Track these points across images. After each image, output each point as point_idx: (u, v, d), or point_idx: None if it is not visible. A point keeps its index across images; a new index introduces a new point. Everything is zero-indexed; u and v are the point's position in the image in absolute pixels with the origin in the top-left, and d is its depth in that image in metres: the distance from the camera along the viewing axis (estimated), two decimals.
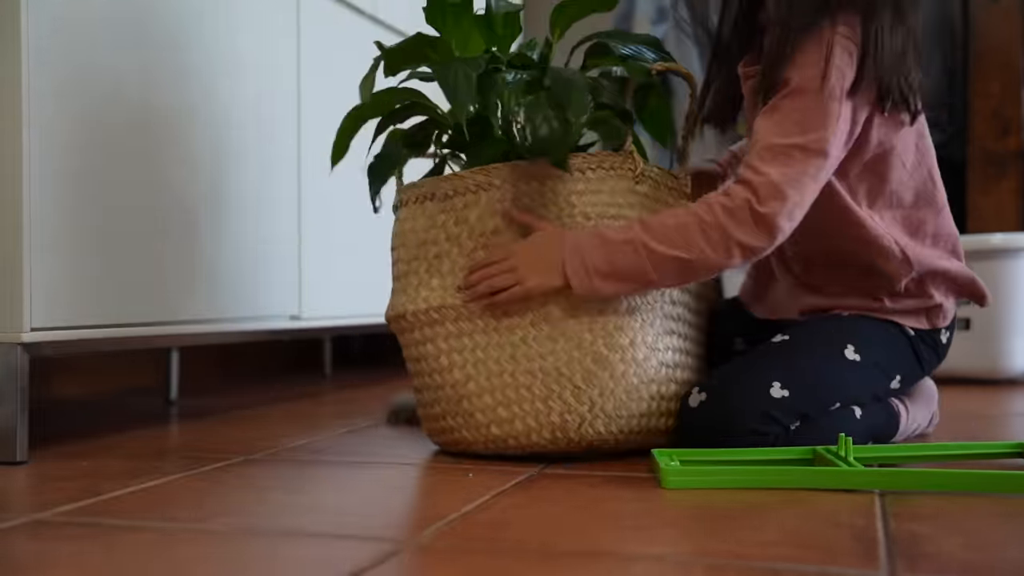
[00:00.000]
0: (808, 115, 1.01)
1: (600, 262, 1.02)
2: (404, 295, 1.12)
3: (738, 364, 1.11)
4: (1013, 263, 1.94)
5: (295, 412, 1.56)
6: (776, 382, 1.05)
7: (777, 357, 1.10)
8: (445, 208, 1.10)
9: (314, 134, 1.63)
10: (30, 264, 1.08)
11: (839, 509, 0.83)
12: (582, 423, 1.04)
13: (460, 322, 1.08)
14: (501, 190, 1.08)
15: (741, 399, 1.04)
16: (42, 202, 1.09)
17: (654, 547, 0.72)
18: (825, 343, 1.11)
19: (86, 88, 1.16)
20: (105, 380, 1.90)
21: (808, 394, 1.06)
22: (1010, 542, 0.74)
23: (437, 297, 1.09)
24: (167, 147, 1.29)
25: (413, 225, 1.12)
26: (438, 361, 1.09)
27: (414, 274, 1.12)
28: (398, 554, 0.70)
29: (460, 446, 1.10)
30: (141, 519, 0.81)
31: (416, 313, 1.10)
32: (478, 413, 1.07)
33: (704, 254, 1.01)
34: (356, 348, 2.77)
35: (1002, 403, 1.66)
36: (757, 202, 1.00)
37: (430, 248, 1.10)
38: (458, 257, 1.09)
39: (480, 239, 1.08)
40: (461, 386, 1.08)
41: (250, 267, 1.46)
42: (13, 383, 1.08)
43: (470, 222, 1.09)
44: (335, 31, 1.72)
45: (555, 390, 1.04)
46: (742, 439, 1.03)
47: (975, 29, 2.40)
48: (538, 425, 1.05)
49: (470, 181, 1.09)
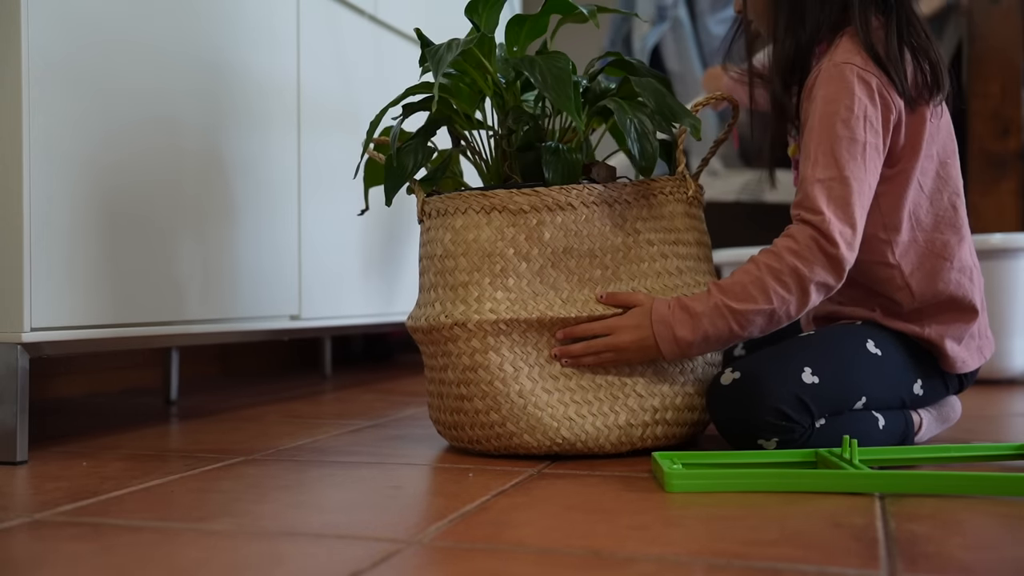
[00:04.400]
0: (837, 145, 1.05)
1: (688, 334, 1.07)
2: (464, 304, 1.10)
3: (768, 351, 1.12)
4: (1013, 263, 1.94)
5: (295, 412, 1.56)
6: (808, 367, 1.06)
7: (807, 346, 1.11)
8: (516, 223, 1.10)
9: (314, 134, 1.63)
10: (30, 264, 1.08)
11: (839, 509, 0.83)
12: (645, 429, 1.11)
13: (527, 333, 1.10)
14: (577, 211, 1.11)
15: (774, 379, 1.05)
16: (42, 202, 1.09)
17: (654, 547, 0.72)
18: (849, 336, 1.13)
19: (86, 89, 1.16)
20: (105, 380, 1.90)
21: (837, 383, 1.07)
22: (1010, 542, 0.74)
23: (505, 310, 1.09)
24: (166, 147, 1.29)
25: (477, 235, 1.11)
26: (502, 368, 1.09)
27: (475, 285, 1.10)
28: (398, 554, 0.70)
29: (518, 450, 1.11)
30: (141, 519, 0.81)
31: (481, 323, 1.09)
32: (547, 418, 1.09)
33: (784, 300, 1.05)
34: (356, 348, 2.77)
35: (1002, 403, 1.66)
36: (825, 239, 1.03)
37: (496, 261, 1.10)
38: (526, 272, 1.10)
39: (551, 257, 1.10)
40: (528, 392, 1.09)
41: (250, 267, 1.46)
42: (13, 383, 1.08)
43: (543, 240, 1.10)
44: (335, 31, 1.72)
45: (619, 398, 1.11)
46: (771, 424, 1.04)
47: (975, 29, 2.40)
48: (607, 429, 1.10)
49: (548, 199, 1.10)
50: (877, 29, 1.09)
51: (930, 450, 1.06)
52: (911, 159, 1.10)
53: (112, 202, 1.20)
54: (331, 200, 1.68)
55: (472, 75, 1.15)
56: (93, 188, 1.17)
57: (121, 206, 1.21)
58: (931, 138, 1.11)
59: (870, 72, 1.06)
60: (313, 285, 1.62)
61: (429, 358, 1.17)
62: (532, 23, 1.14)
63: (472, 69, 1.14)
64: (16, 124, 1.07)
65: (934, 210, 1.13)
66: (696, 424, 1.16)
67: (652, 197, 1.14)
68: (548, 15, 1.13)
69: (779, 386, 1.05)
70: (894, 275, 1.13)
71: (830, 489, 0.90)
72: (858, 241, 1.05)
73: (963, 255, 1.14)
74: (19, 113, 1.07)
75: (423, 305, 1.16)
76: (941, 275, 1.13)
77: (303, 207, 1.60)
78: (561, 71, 1.04)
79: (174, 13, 1.31)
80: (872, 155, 1.06)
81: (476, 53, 1.11)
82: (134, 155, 1.23)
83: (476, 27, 1.13)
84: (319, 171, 1.65)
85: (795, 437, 1.05)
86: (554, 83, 1.04)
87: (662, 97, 1.10)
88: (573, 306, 1.10)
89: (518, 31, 1.15)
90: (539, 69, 1.05)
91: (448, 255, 1.12)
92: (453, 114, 1.18)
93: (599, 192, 1.12)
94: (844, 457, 0.96)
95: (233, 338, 1.47)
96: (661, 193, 1.15)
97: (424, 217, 1.17)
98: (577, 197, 1.11)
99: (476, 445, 1.13)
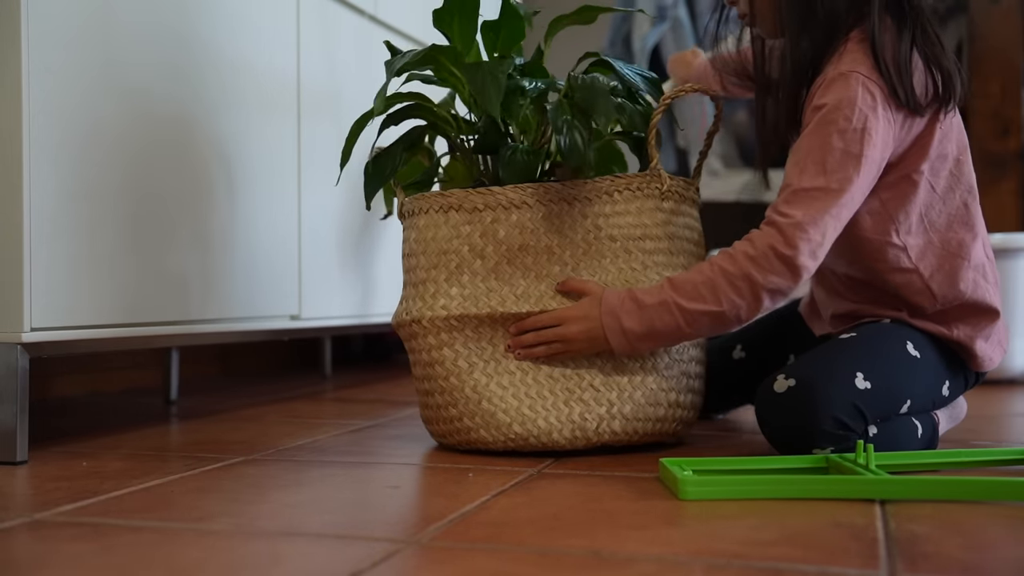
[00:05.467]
0: (829, 155, 1.03)
1: (635, 325, 1.06)
2: (421, 301, 1.13)
3: (816, 355, 1.09)
4: (1013, 263, 1.94)
5: (295, 412, 1.56)
6: (859, 372, 1.04)
7: (854, 350, 1.09)
8: (472, 220, 1.12)
9: (314, 134, 1.63)
10: (30, 264, 1.08)
11: (839, 509, 0.83)
12: (600, 423, 1.10)
13: (480, 328, 1.11)
14: (533, 209, 1.11)
15: (831, 387, 1.02)
16: (42, 202, 1.09)
17: (654, 547, 0.72)
18: (891, 338, 1.11)
19: (86, 89, 1.16)
20: (105, 380, 1.90)
21: (886, 388, 1.05)
22: (1010, 542, 0.74)
23: (457, 306, 1.11)
24: (166, 147, 1.29)
25: (435, 234, 1.13)
26: (456, 364, 1.12)
27: (432, 282, 1.13)
28: (398, 554, 0.70)
29: (476, 445, 1.12)
30: (141, 519, 0.81)
31: (433, 320, 1.11)
32: (500, 413, 1.10)
33: (734, 304, 1.04)
34: (356, 348, 2.77)
35: (1002, 403, 1.66)
36: (784, 244, 1.02)
37: (451, 258, 1.12)
38: (480, 269, 1.11)
39: (506, 254, 1.11)
40: (482, 387, 1.11)
41: (250, 267, 1.46)
42: (13, 383, 1.08)
43: (498, 237, 1.11)
44: (335, 31, 1.72)
45: (575, 392, 1.10)
46: (828, 432, 1.01)
47: (975, 29, 2.40)
48: (559, 423, 1.09)
49: (502, 197, 1.11)
50: (889, 33, 1.07)
51: (945, 455, 1.04)
52: (918, 162, 1.09)
53: (112, 202, 1.20)
54: (331, 200, 1.68)
55: (452, 82, 1.18)
56: (93, 189, 1.17)
57: (121, 206, 1.21)
58: (941, 140, 1.10)
59: (874, 81, 1.04)
60: (313, 285, 1.62)
61: (407, 353, 1.21)
62: (507, 28, 1.16)
63: (450, 77, 1.17)
64: (16, 123, 1.07)
65: (946, 209, 1.12)
66: (665, 420, 1.13)
67: (618, 193, 1.12)
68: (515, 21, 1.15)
69: (835, 393, 1.02)
70: (913, 279, 1.11)
71: (854, 496, 0.87)
72: (823, 253, 1.03)
73: (977, 252, 1.13)
74: (19, 113, 1.07)
75: (399, 303, 1.20)
76: (960, 275, 1.11)
77: (303, 207, 1.60)
78: (497, 75, 1.06)
79: (176, 8, 1.31)
80: (867, 169, 1.03)
81: (444, 62, 1.14)
82: (135, 155, 1.23)
83: (447, 37, 1.16)
84: (319, 171, 1.65)
85: (851, 445, 1.02)
86: (483, 86, 1.06)
87: (590, 92, 1.08)
88: (527, 302, 1.10)
89: (494, 38, 1.18)
90: (480, 74, 1.07)
91: (412, 254, 1.16)
92: (438, 120, 1.20)
93: (557, 190, 1.11)
94: (859, 462, 0.94)
95: (233, 338, 1.47)
96: (628, 189, 1.13)
97: (401, 218, 1.22)
98: (532, 195, 1.11)
99: (443, 439, 1.17)
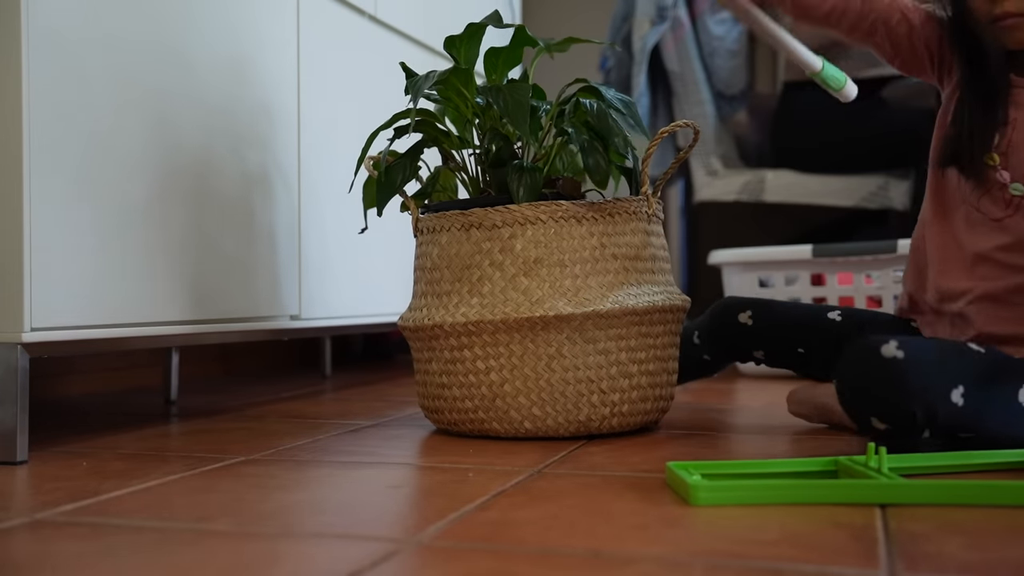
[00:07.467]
0: None
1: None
2: (444, 310, 1.24)
3: (934, 344, 1.06)
4: None
5: (295, 412, 1.56)
6: (961, 385, 1.02)
7: (971, 361, 1.05)
8: (492, 236, 1.22)
9: (314, 134, 1.63)
10: (30, 264, 1.08)
11: (839, 509, 0.83)
12: (602, 422, 1.22)
13: (497, 334, 1.20)
14: (547, 225, 1.21)
15: (936, 379, 1.00)
16: (42, 202, 1.09)
17: (654, 547, 0.72)
18: (1016, 377, 1.06)
19: (87, 89, 1.16)
20: (105, 380, 1.90)
21: (970, 418, 1.03)
22: (1010, 542, 0.74)
23: (476, 313, 1.21)
24: (166, 147, 1.29)
25: (459, 250, 1.24)
26: (474, 364, 1.22)
27: (456, 294, 1.24)
28: (398, 554, 0.70)
29: (486, 433, 1.25)
30: (141, 519, 0.81)
31: (455, 325, 1.22)
32: (512, 411, 1.21)
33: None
34: (356, 348, 2.77)
35: None
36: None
37: (474, 272, 1.23)
38: (499, 280, 1.21)
39: (523, 266, 1.20)
40: (497, 387, 1.21)
41: (250, 267, 1.46)
42: (13, 383, 1.08)
43: (515, 251, 1.21)
44: (335, 31, 1.72)
45: (584, 395, 1.20)
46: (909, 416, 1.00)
47: None
48: (567, 423, 1.21)
49: (519, 214, 1.21)
50: None
51: (960, 456, 1.01)
52: None
53: (113, 202, 1.20)
54: (331, 200, 1.68)
55: (456, 101, 1.29)
56: (94, 188, 1.17)
57: (122, 206, 1.21)
58: None
59: None
60: (313, 285, 1.62)
61: (416, 351, 1.31)
62: (507, 54, 1.29)
63: (455, 96, 1.28)
64: (16, 123, 1.07)
65: None
66: (651, 412, 1.26)
67: (617, 215, 1.24)
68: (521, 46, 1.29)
69: (934, 388, 1.00)
70: None
71: (871, 501, 0.86)
72: None
73: None
74: (19, 113, 1.07)
75: (413, 309, 1.30)
76: None
77: (303, 207, 1.60)
78: (520, 99, 1.18)
79: (176, 13, 1.31)
80: None
81: (456, 83, 1.25)
82: (135, 155, 1.23)
83: (455, 60, 1.27)
84: (319, 171, 1.65)
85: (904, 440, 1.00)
86: (514, 109, 1.17)
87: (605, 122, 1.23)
88: (540, 307, 1.18)
89: (495, 61, 1.30)
90: (503, 97, 1.18)
91: (435, 267, 1.27)
92: (440, 135, 1.30)
93: (567, 208, 1.21)
94: (870, 465, 0.92)
95: (233, 338, 1.47)
96: (624, 212, 1.24)
97: (418, 233, 1.32)
98: (545, 212, 1.21)
99: (453, 427, 1.28)
